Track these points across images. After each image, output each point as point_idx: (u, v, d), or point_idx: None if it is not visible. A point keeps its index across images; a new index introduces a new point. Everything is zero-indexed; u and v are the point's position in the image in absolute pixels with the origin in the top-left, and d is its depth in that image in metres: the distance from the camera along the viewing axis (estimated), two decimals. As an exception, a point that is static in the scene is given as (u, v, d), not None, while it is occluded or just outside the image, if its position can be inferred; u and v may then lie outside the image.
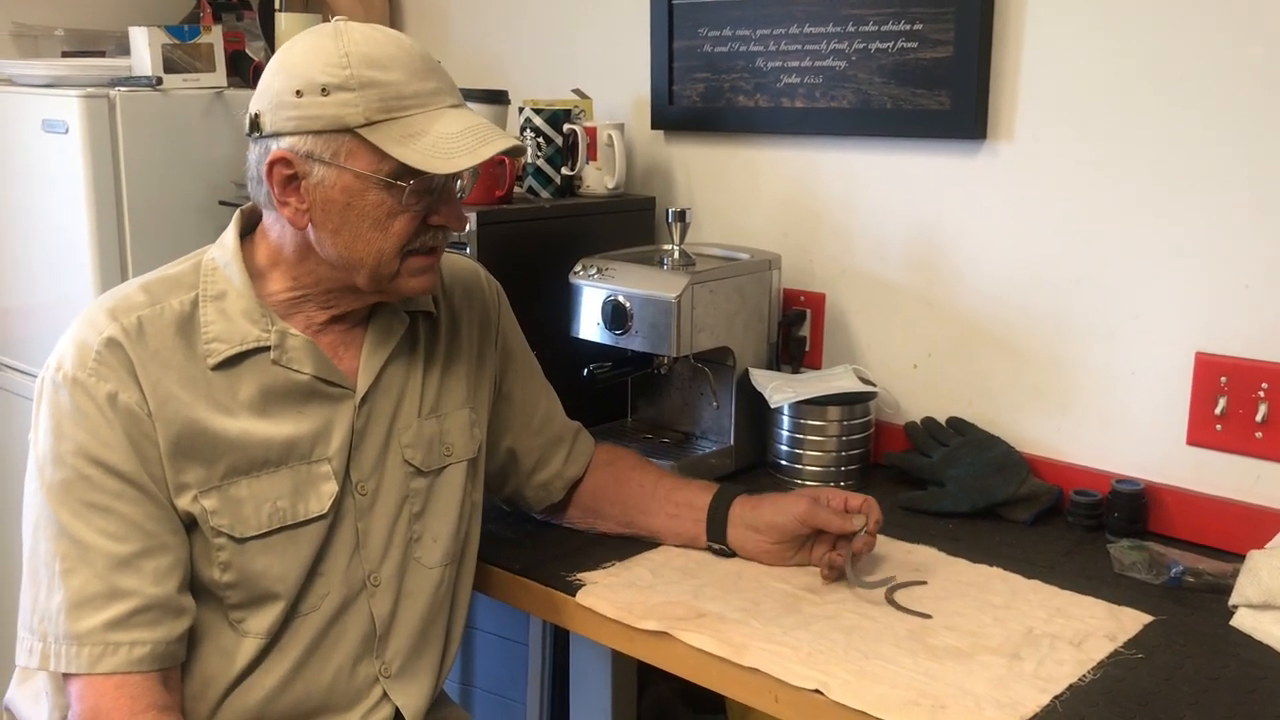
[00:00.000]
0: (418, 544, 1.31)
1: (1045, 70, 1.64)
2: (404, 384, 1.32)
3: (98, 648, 1.10)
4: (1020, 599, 1.37)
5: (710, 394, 1.82)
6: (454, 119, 1.18)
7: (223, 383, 1.19)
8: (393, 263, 1.21)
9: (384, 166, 1.16)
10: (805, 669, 1.19)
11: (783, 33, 1.87)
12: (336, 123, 1.15)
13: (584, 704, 1.68)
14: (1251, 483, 1.52)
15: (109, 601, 1.11)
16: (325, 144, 1.16)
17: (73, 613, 1.11)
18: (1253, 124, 1.47)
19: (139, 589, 1.12)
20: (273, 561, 1.20)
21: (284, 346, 1.22)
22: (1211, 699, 1.16)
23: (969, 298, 1.76)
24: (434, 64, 1.21)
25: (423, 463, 1.32)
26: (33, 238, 2.14)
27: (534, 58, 2.29)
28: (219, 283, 1.23)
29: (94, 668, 1.10)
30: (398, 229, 1.20)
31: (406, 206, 1.19)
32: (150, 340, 1.17)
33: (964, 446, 1.70)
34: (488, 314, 1.44)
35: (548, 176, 1.95)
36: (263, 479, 1.20)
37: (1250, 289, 1.50)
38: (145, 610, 1.12)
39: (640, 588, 1.38)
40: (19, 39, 2.40)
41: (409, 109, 1.16)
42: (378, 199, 1.18)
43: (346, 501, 1.26)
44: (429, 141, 1.16)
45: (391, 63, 1.16)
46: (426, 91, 1.18)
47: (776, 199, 1.96)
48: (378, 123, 1.15)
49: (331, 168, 1.16)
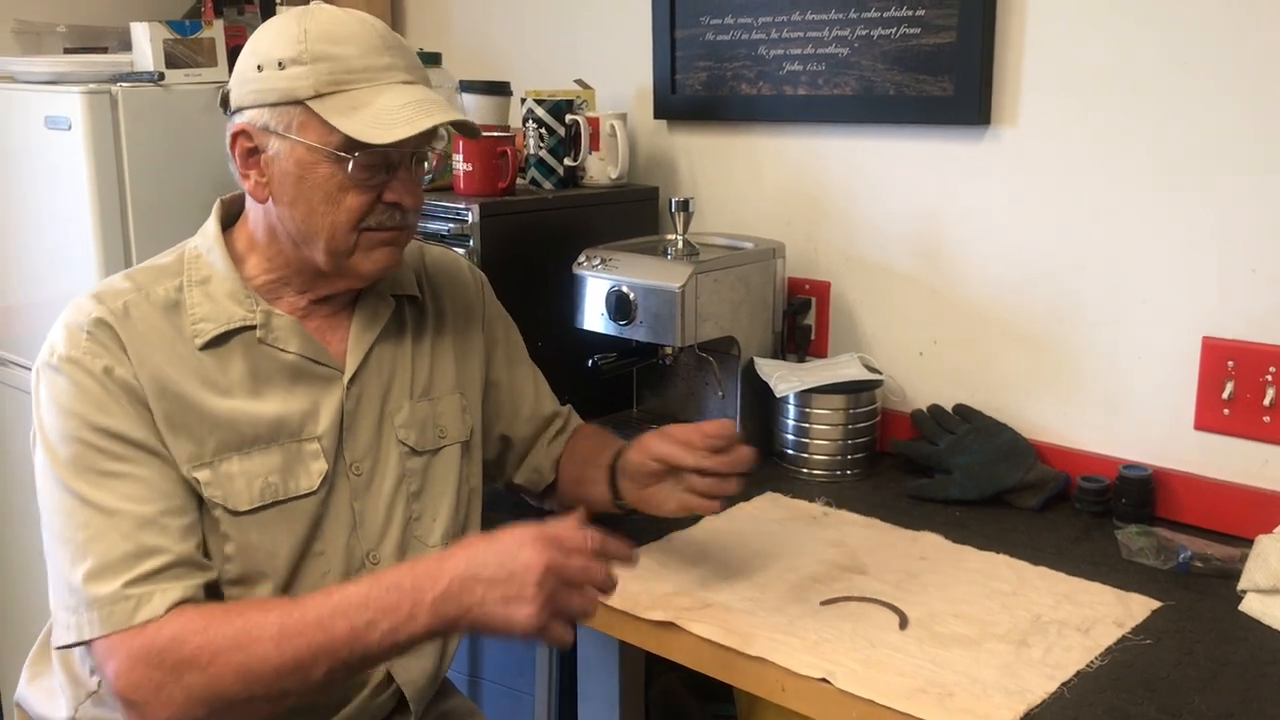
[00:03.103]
0: (417, 523, 1.32)
1: (1049, 55, 1.63)
2: (393, 366, 1.33)
3: (130, 601, 1.08)
4: (1028, 586, 1.37)
5: (715, 384, 1.82)
6: (401, 93, 1.19)
7: (211, 362, 1.21)
8: (347, 238, 1.22)
9: (332, 139, 1.18)
10: (812, 658, 1.20)
11: (785, 20, 1.87)
12: (288, 95, 1.18)
13: (592, 695, 1.68)
14: (1259, 467, 1.52)
15: (138, 560, 1.10)
16: (279, 117, 1.19)
17: (103, 575, 1.09)
18: (1260, 107, 1.46)
19: (167, 546, 1.12)
20: (266, 536, 1.21)
21: (270, 326, 1.24)
22: (1220, 684, 1.15)
23: (974, 284, 1.76)
24: (394, 42, 1.22)
25: (417, 443, 1.33)
26: (36, 234, 2.14)
27: (536, 48, 2.28)
28: (203, 269, 1.25)
29: (131, 620, 1.08)
30: (350, 204, 1.21)
31: (356, 181, 1.20)
32: (137, 322, 1.19)
33: (970, 434, 1.69)
34: (472, 302, 1.46)
35: (550, 167, 1.95)
36: (254, 456, 1.21)
37: (1257, 272, 1.50)
38: (174, 566, 1.12)
39: (647, 578, 1.38)
40: (21, 36, 2.40)
41: (357, 83, 1.18)
42: (328, 172, 1.19)
43: (340, 481, 1.27)
44: (371, 113, 1.17)
45: (347, 38, 1.18)
46: (379, 66, 1.19)
47: (780, 187, 1.95)
48: (325, 95, 1.17)
49: (285, 140, 1.19)
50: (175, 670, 1.06)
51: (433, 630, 1.08)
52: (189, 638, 1.07)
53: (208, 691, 1.06)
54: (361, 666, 1.11)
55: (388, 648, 1.08)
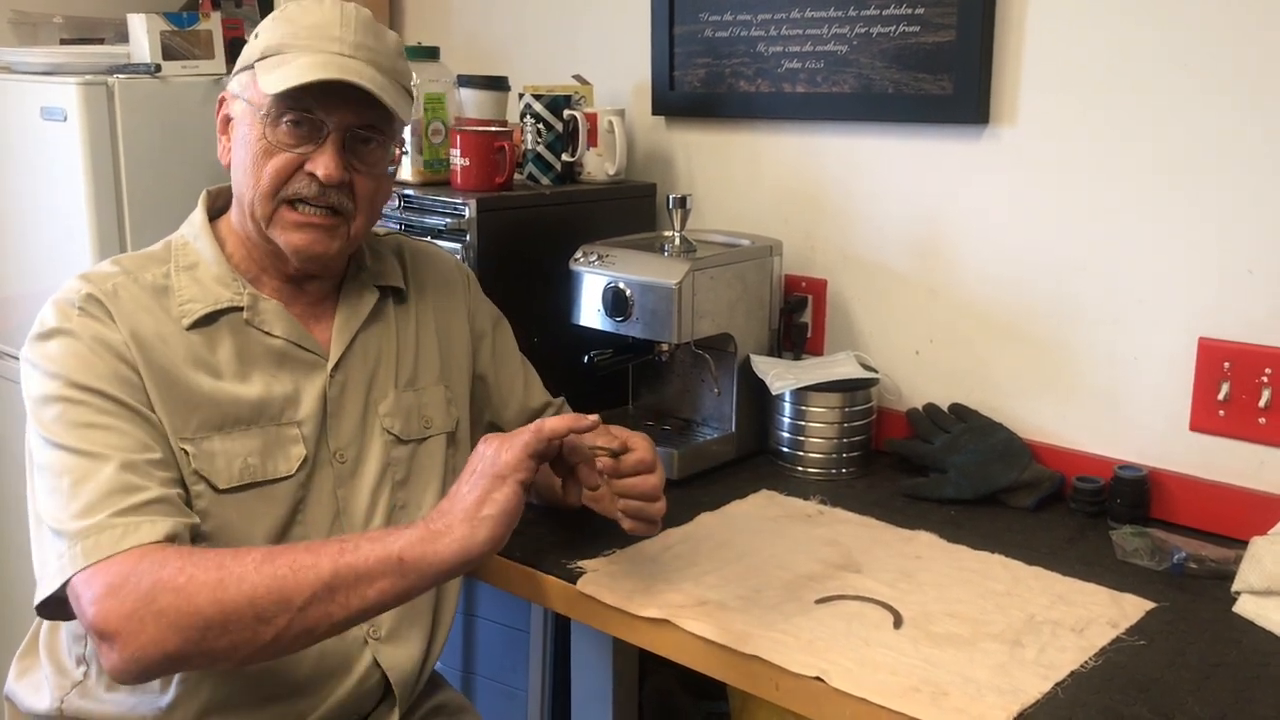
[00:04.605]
0: (402, 511, 1.33)
1: (1048, 54, 1.63)
2: (378, 355, 1.34)
3: (117, 530, 1.07)
4: (1022, 586, 1.37)
5: (711, 381, 1.82)
6: (327, 60, 1.20)
7: (199, 341, 1.22)
8: (265, 204, 1.23)
9: (263, 100, 1.21)
10: (806, 656, 1.19)
11: (784, 17, 1.86)
12: (247, 59, 1.25)
13: (585, 691, 1.68)
14: (1254, 468, 1.52)
15: (124, 494, 1.10)
16: (240, 81, 1.26)
17: (89, 511, 1.08)
18: (1258, 107, 1.46)
19: (150, 485, 1.12)
20: (244, 515, 1.22)
21: (256, 308, 1.26)
22: (1213, 685, 1.15)
23: (971, 283, 1.76)
24: (360, 25, 1.23)
25: (402, 431, 1.34)
26: (32, 226, 2.13)
27: (534, 44, 2.28)
28: (190, 255, 1.28)
29: (117, 546, 1.06)
30: (271, 168, 1.22)
31: (278, 142, 1.22)
32: (125, 302, 1.20)
33: (966, 433, 1.69)
34: (456, 295, 1.46)
35: (548, 163, 1.94)
36: (235, 436, 1.22)
37: (1254, 274, 1.50)
38: (159, 502, 1.12)
39: (641, 575, 1.38)
40: (18, 26, 2.39)
41: (296, 49, 1.21)
42: (257, 132, 1.22)
43: (324, 468, 1.28)
44: (287, 70, 1.19)
45: (315, 13, 1.22)
46: (325, 37, 1.21)
47: (778, 185, 1.95)
48: (268, 58, 1.22)
49: (239, 101, 1.25)
50: (149, 595, 1.02)
51: (423, 541, 1.08)
52: (168, 560, 1.05)
53: (180, 616, 1.02)
54: (348, 601, 1.06)
55: (375, 563, 1.06)
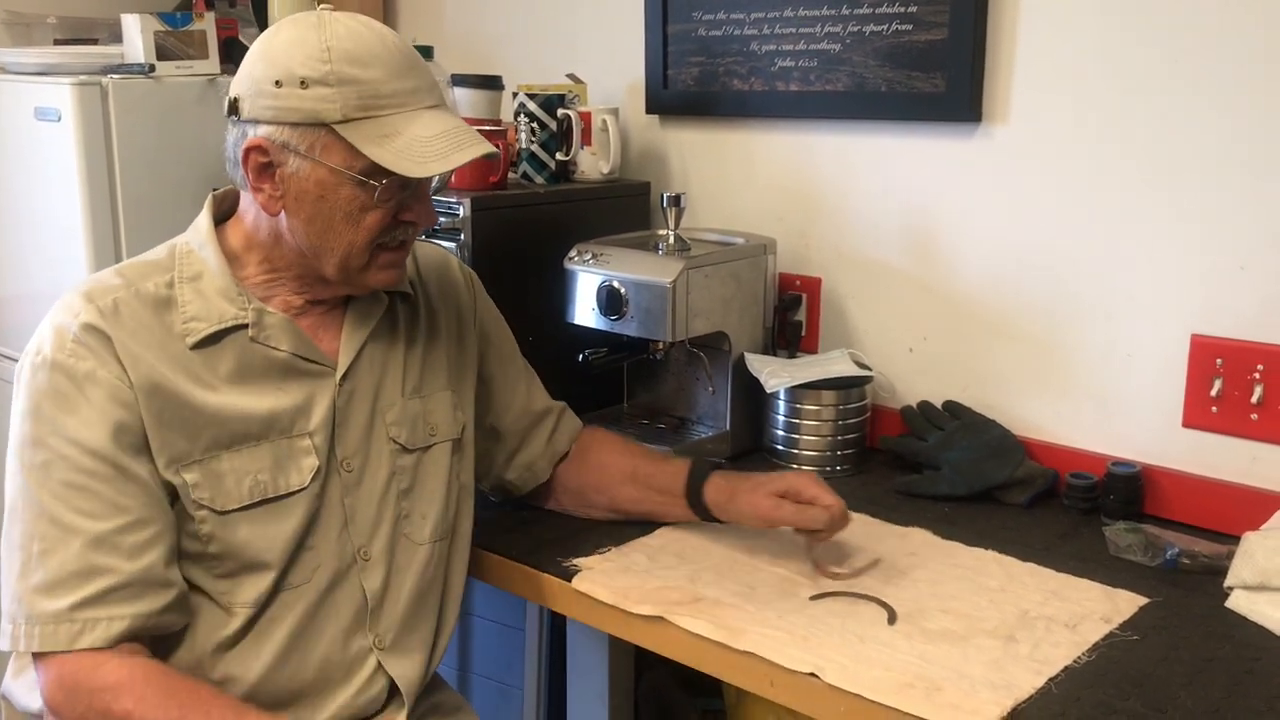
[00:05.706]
0: (407, 520, 1.33)
1: (1040, 53, 1.64)
2: (385, 363, 1.33)
3: (75, 624, 1.11)
4: (1016, 582, 1.37)
5: (706, 379, 1.82)
6: (431, 121, 1.19)
7: (202, 360, 1.21)
8: (362, 256, 1.23)
9: (358, 164, 1.17)
10: (801, 653, 1.20)
11: (777, 16, 1.87)
12: (313, 117, 1.16)
13: (581, 689, 1.68)
14: (1247, 464, 1.52)
15: (86, 580, 1.12)
16: (301, 136, 1.17)
17: (50, 592, 1.11)
18: (1249, 104, 1.47)
19: (116, 566, 1.12)
20: (255, 533, 1.21)
21: (262, 324, 1.24)
22: (1206, 680, 1.16)
23: (965, 281, 1.76)
24: (415, 61, 1.21)
25: (408, 440, 1.33)
26: (26, 226, 2.13)
27: (528, 42, 2.28)
28: (194, 265, 1.25)
29: (72, 645, 1.11)
30: (369, 223, 1.21)
31: (379, 203, 1.20)
32: (127, 320, 1.18)
33: (960, 430, 1.70)
34: (463, 299, 1.46)
35: (542, 162, 1.94)
36: (244, 453, 1.21)
37: (1246, 270, 1.50)
38: (124, 586, 1.13)
39: (636, 573, 1.38)
40: (11, 26, 2.39)
41: (386, 109, 1.17)
42: (350, 194, 1.19)
43: (332, 478, 1.27)
44: (404, 143, 1.17)
45: (373, 60, 1.17)
46: (405, 90, 1.18)
47: (772, 183, 1.96)
48: (354, 120, 1.16)
49: (306, 160, 1.18)
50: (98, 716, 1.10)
51: None
52: (122, 696, 1.10)
53: None
54: None
55: None
